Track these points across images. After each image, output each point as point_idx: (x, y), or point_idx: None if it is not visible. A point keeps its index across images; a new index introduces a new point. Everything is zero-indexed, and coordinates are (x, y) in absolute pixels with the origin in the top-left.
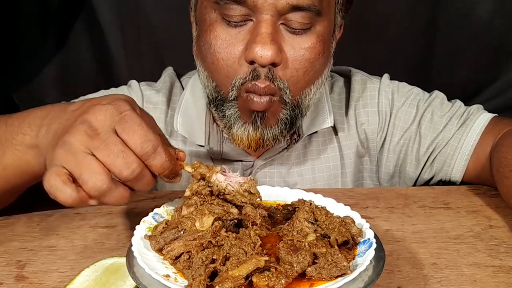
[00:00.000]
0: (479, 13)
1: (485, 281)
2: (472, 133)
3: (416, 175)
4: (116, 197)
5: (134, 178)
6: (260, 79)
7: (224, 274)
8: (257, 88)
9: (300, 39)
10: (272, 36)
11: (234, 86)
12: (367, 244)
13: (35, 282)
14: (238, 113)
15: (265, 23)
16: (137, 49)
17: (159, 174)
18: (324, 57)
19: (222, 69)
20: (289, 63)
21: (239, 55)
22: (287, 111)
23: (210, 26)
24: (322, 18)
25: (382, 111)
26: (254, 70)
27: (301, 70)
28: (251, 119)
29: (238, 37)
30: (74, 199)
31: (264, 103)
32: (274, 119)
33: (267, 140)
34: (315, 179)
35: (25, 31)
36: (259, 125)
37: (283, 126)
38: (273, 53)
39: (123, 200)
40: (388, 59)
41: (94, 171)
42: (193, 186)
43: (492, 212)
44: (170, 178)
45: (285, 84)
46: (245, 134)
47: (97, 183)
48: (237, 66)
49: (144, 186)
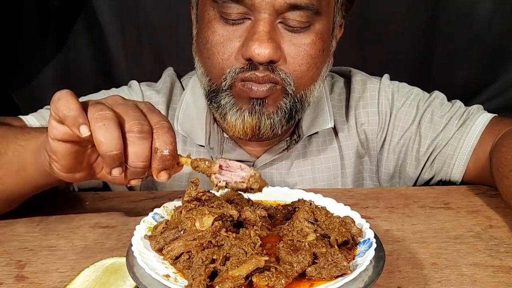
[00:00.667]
0: (479, 13)
1: (485, 281)
2: (472, 133)
3: (416, 175)
4: (109, 133)
5: (139, 132)
6: (258, 70)
7: (224, 274)
8: (255, 77)
9: (299, 36)
10: (269, 35)
11: (228, 75)
12: (367, 244)
13: (35, 282)
14: (232, 101)
15: (263, 21)
16: (137, 49)
17: (161, 151)
18: (324, 55)
19: (218, 62)
20: (290, 59)
21: (235, 51)
22: (287, 101)
23: (208, 23)
24: (321, 17)
25: (382, 112)
26: (251, 64)
27: (304, 66)
28: (248, 105)
29: (235, 34)
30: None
31: (264, 91)
32: (274, 106)
33: (264, 128)
34: (315, 179)
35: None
36: (257, 111)
37: (282, 115)
38: (271, 51)
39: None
40: (388, 59)
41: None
42: (191, 192)
43: (492, 212)
44: (166, 165)
45: (287, 75)
46: (239, 121)
47: (106, 111)
48: (233, 60)
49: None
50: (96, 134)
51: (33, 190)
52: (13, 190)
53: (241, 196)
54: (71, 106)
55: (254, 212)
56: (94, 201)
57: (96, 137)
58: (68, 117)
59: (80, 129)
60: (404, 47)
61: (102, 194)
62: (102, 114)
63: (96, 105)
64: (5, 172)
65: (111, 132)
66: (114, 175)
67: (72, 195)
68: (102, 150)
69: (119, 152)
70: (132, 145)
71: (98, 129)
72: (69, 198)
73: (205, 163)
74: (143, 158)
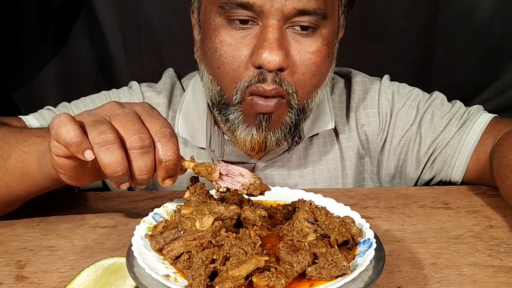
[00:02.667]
0: (479, 13)
1: (485, 281)
2: (472, 134)
3: (417, 176)
4: (113, 156)
5: (141, 148)
6: (266, 82)
7: (224, 274)
8: (262, 91)
9: (306, 42)
10: (279, 42)
11: (239, 90)
12: (367, 244)
13: (35, 282)
14: (241, 117)
15: (272, 28)
16: (137, 49)
17: (165, 162)
18: (329, 60)
19: (228, 73)
20: (296, 68)
21: (245, 59)
22: (292, 115)
23: (215, 31)
24: (327, 22)
25: (382, 113)
26: (261, 74)
27: (308, 74)
28: (255, 122)
29: (243, 41)
30: (76, 140)
31: (271, 106)
32: (279, 122)
33: (270, 144)
34: (315, 181)
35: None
36: (264, 128)
37: (287, 130)
38: (281, 58)
39: (117, 166)
40: (388, 59)
41: (105, 128)
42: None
43: (492, 212)
44: (171, 173)
45: (293, 88)
46: (248, 138)
47: (108, 134)
48: (243, 70)
49: (142, 170)
50: (101, 159)
51: (38, 192)
52: (18, 193)
53: (241, 196)
54: (72, 134)
55: (254, 212)
56: (94, 201)
57: (102, 161)
58: (71, 145)
59: (85, 154)
60: (404, 47)
61: (102, 194)
62: (104, 138)
63: (97, 125)
64: (9, 176)
65: (115, 155)
66: (122, 188)
67: (72, 195)
68: (108, 172)
69: (125, 171)
70: (136, 161)
71: (102, 153)
72: (69, 198)
73: (207, 169)
74: (147, 171)
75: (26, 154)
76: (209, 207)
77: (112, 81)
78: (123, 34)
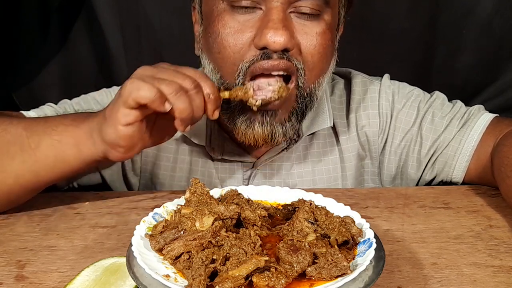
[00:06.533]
0: (479, 13)
1: (485, 281)
2: (473, 134)
3: (418, 176)
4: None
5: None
6: (272, 58)
7: (224, 274)
8: (267, 66)
9: (311, 24)
10: (284, 22)
11: (241, 72)
12: (367, 244)
13: (35, 282)
14: (241, 105)
15: (276, 9)
16: (137, 49)
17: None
18: (333, 47)
19: (229, 56)
20: (302, 49)
21: (247, 42)
22: (299, 99)
23: (218, 16)
24: (329, 9)
25: (382, 113)
26: (264, 53)
27: (316, 56)
28: (257, 115)
29: (247, 24)
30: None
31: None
32: (287, 112)
33: (278, 136)
34: (315, 181)
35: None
36: (269, 122)
37: (295, 118)
38: (286, 38)
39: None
40: (388, 59)
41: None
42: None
43: (492, 212)
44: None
45: (301, 65)
46: (249, 130)
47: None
48: (245, 52)
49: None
50: (177, 105)
51: (67, 178)
52: (46, 181)
53: (241, 196)
54: (154, 90)
55: (254, 212)
56: (94, 201)
57: (178, 107)
58: (155, 100)
59: (166, 105)
60: (404, 47)
61: (102, 194)
62: (173, 88)
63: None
64: (40, 165)
65: (186, 100)
66: (186, 131)
67: (72, 195)
68: (183, 116)
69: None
70: (194, 101)
71: (177, 100)
72: (69, 198)
73: (241, 90)
74: (202, 108)
75: (59, 143)
76: (209, 207)
77: (112, 81)
78: (123, 34)
